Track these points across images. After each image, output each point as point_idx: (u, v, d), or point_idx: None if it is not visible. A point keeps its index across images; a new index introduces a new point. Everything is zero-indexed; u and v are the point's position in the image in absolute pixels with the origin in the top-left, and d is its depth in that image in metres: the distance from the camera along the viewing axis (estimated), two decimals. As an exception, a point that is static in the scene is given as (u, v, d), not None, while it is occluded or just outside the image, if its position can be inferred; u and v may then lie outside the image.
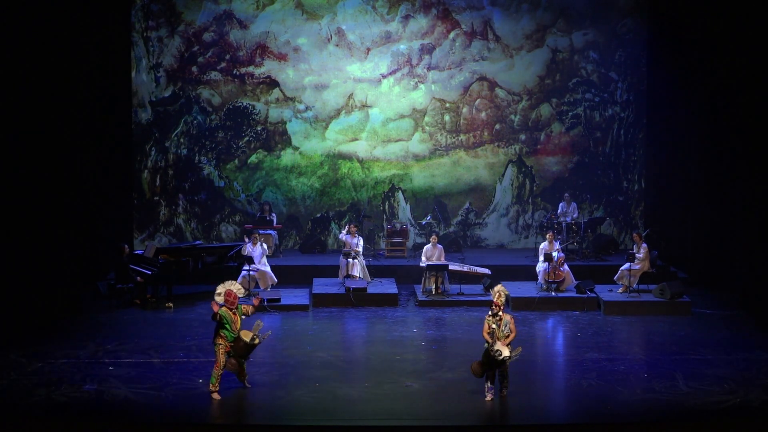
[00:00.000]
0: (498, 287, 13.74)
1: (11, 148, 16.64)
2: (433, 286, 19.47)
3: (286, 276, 20.35)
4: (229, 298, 13.67)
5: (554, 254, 19.23)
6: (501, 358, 13.15)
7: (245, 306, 13.93)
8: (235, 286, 13.83)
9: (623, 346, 16.59)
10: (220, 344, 13.57)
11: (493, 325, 13.39)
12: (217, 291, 13.82)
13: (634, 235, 19.66)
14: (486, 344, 13.43)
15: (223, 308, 13.63)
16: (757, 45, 18.00)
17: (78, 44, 18.80)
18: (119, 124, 21.79)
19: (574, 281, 19.38)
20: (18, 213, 16.76)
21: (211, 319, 13.75)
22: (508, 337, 13.43)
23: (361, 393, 13.86)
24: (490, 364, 13.32)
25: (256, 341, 13.66)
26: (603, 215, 23.11)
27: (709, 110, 20.22)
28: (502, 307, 13.52)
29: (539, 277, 19.48)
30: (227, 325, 13.54)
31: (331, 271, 20.50)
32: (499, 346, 13.21)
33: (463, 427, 12.75)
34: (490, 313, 13.50)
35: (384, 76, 22.93)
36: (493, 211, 23.40)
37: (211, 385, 13.52)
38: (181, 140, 22.84)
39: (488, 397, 13.36)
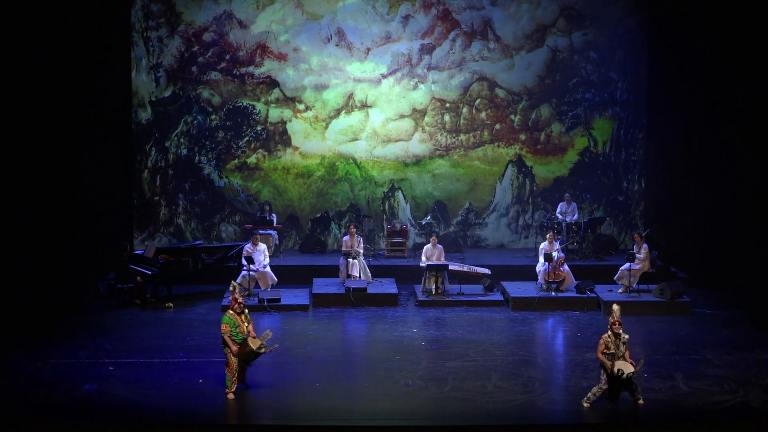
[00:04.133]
0: (614, 306, 13.43)
1: (11, 148, 16.63)
2: (433, 286, 19.45)
3: (286, 276, 20.35)
4: (233, 304, 13.69)
5: (554, 254, 19.22)
6: (626, 376, 12.98)
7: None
8: (236, 292, 13.80)
9: (623, 346, 16.57)
10: (230, 347, 13.56)
11: (612, 347, 13.09)
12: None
13: (635, 235, 19.63)
14: (604, 367, 13.12)
15: (228, 313, 13.62)
16: (757, 44, 17.99)
17: (78, 44, 18.76)
18: (119, 124, 21.76)
19: (574, 281, 19.37)
20: (18, 213, 16.74)
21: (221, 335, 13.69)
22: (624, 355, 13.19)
23: (361, 393, 13.86)
24: (619, 385, 13.10)
25: (262, 350, 13.65)
26: (603, 215, 23.09)
27: (708, 110, 20.20)
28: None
29: (539, 277, 19.47)
30: (233, 330, 13.53)
31: (331, 271, 20.49)
32: (619, 365, 12.99)
33: (463, 427, 12.73)
34: (609, 332, 13.17)
35: (384, 76, 22.91)
36: (493, 211, 23.39)
37: (227, 387, 13.51)
38: (181, 140, 22.82)
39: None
